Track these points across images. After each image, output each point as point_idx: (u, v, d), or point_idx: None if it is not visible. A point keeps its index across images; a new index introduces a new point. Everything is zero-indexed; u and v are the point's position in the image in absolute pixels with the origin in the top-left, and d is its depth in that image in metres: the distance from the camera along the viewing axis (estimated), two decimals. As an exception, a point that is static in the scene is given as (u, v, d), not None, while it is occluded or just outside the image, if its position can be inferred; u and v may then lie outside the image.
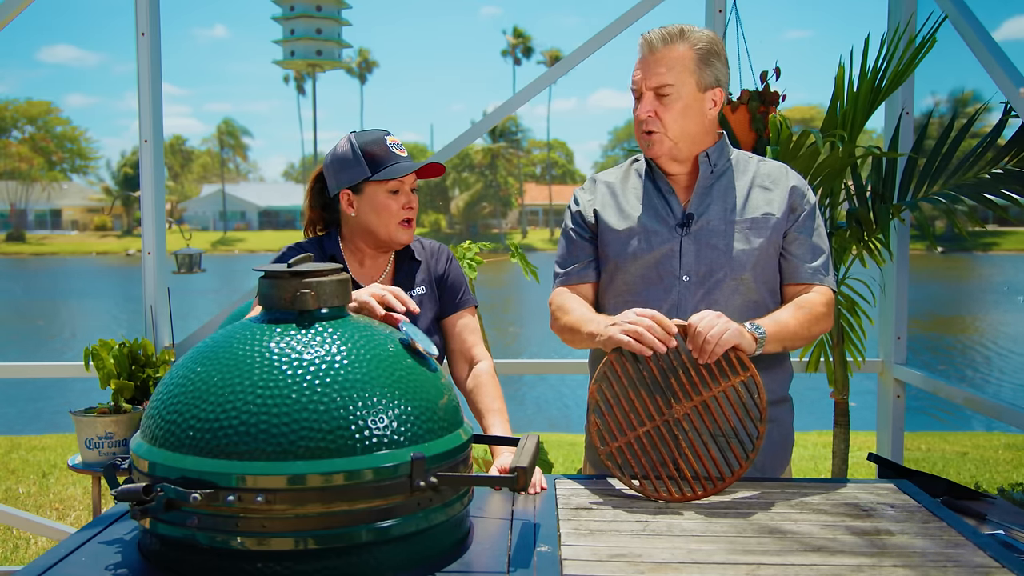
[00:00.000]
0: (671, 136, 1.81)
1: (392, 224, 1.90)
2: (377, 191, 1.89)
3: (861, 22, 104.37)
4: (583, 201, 1.95)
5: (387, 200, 1.89)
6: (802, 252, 1.85)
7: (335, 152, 1.93)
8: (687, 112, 1.79)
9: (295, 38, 59.11)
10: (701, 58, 1.78)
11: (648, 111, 1.80)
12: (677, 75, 1.78)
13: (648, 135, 1.83)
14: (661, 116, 1.80)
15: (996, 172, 3.01)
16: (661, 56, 1.78)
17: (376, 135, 1.91)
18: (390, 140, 1.91)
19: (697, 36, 1.79)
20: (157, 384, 1.71)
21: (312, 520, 1.16)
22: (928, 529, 1.45)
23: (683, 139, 1.82)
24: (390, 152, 1.89)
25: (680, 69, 1.78)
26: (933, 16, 2.95)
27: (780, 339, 1.74)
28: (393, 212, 1.89)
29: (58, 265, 43.16)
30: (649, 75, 1.79)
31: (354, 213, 1.92)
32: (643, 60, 1.81)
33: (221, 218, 60.94)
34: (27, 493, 5.24)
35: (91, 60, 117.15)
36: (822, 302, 1.84)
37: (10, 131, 56.21)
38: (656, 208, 1.85)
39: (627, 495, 1.63)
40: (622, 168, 1.97)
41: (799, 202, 1.85)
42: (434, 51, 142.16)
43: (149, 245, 3.36)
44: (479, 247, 3.26)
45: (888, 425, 3.43)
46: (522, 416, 9.02)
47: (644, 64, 1.81)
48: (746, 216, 1.81)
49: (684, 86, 1.78)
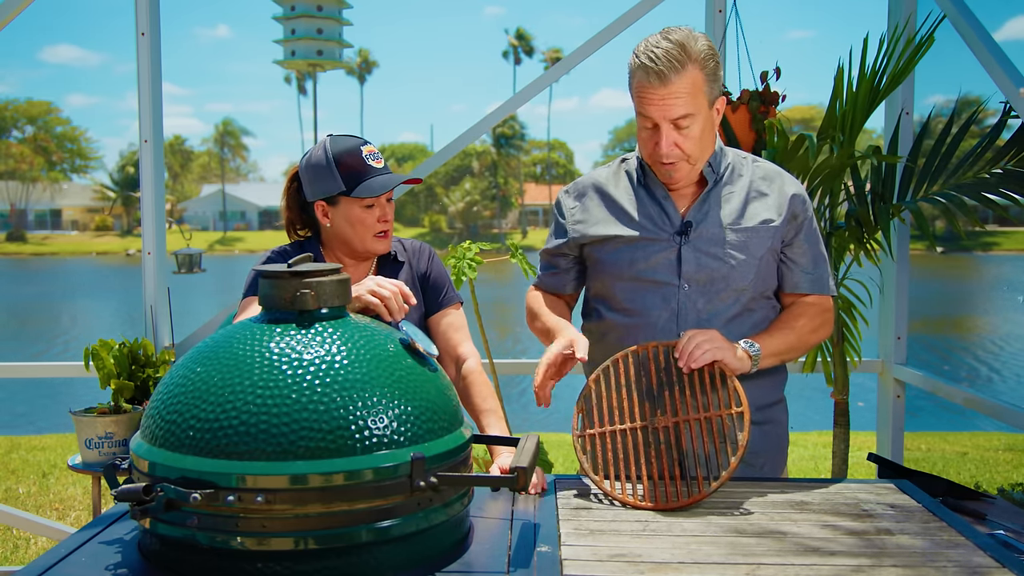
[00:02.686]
0: (692, 161, 1.76)
1: (368, 237, 1.88)
2: (352, 205, 1.85)
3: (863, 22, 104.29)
4: (567, 210, 1.91)
5: (362, 214, 1.86)
6: (804, 261, 1.84)
7: (310, 159, 1.88)
8: (704, 133, 1.74)
9: (296, 38, 59.07)
10: (709, 75, 1.70)
11: (671, 145, 1.72)
12: (693, 103, 1.69)
13: (669, 165, 1.75)
14: (682, 147, 1.72)
15: (996, 172, 3.01)
16: (676, 88, 1.67)
17: (351, 144, 1.86)
18: (366, 151, 1.86)
19: (701, 52, 1.68)
20: (157, 384, 1.71)
21: (312, 520, 1.16)
22: (928, 529, 1.45)
23: (702, 159, 1.78)
24: (366, 165, 1.84)
25: (695, 94, 1.69)
26: (932, 16, 2.95)
27: (777, 354, 1.75)
28: (368, 225, 1.87)
29: (58, 265, 43.16)
30: (666, 108, 1.68)
31: (329, 224, 1.90)
32: (654, 91, 1.67)
33: (221, 218, 60.94)
34: (27, 493, 5.24)
35: (93, 60, 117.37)
36: (821, 311, 1.84)
37: (10, 131, 56.21)
38: (652, 215, 1.82)
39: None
40: (611, 169, 1.92)
41: (800, 209, 1.82)
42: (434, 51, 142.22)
43: (149, 245, 3.36)
44: (479, 247, 3.26)
45: (888, 425, 3.43)
46: (522, 416, 9.01)
47: (657, 96, 1.68)
48: (746, 225, 1.78)
49: (699, 110, 1.71)
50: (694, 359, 1.62)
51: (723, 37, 3.38)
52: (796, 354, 1.81)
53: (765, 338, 1.74)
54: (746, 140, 3.04)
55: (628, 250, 1.81)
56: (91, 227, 57.93)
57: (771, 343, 1.74)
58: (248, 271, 1.94)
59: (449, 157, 3.62)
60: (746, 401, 1.59)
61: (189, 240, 3.86)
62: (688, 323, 1.78)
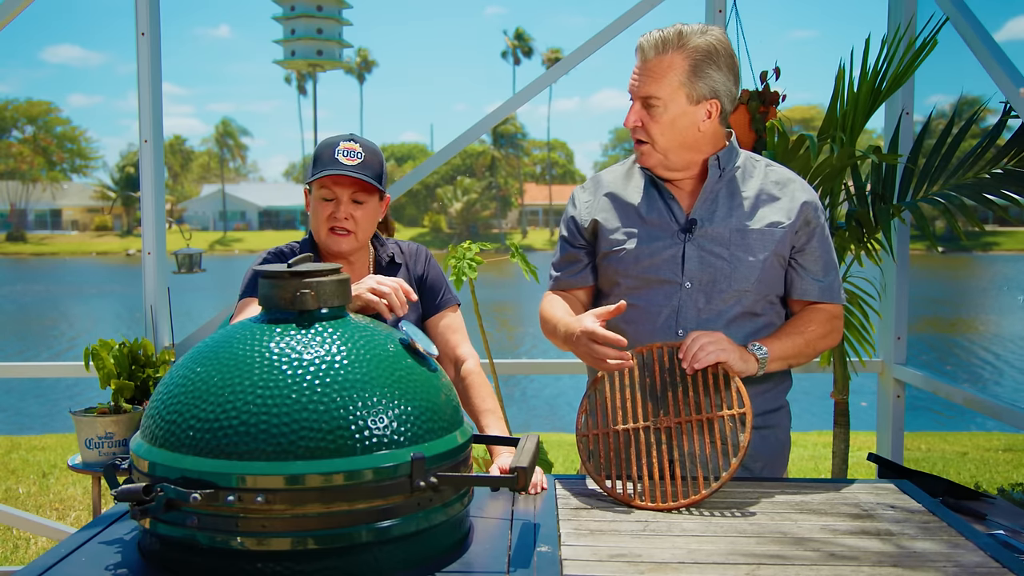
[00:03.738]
0: (659, 148, 1.77)
1: (322, 229, 1.90)
2: (316, 193, 1.90)
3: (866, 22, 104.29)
4: (581, 204, 1.92)
5: (318, 205, 1.90)
6: (815, 268, 1.82)
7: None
8: (675, 125, 1.74)
9: (296, 38, 59.10)
10: (694, 68, 1.70)
11: (635, 121, 1.77)
12: (665, 87, 1.71)
13: (638, 144, 1.80)
14: (647, 127, 1.76)
15: (996, 172, 3.01)
16: (653, 66, 1.72)
17: (335, 139, 1.90)
18: (343, 146, 1.87)
19: (696, 42, 1.70)
20: (157, 384, 1.71)
21: (312, 520, 1.16)
22: (928, 529, 1.45)
23: (672, 151, 1.77)
24: (332, 158, 1.86)
25: (669, 81, 1.71)
26: (934, 18, 2.95)
27: (785, 358, 1.75)
28: (321, 218, 1.89)
29: (58, 265, 43.16)
30: (639, 84, 1.74)
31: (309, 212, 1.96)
32: (637, 67, 1.75)
33: (221, 218, 60.93)
34: (27, 493, 5.24)
35: (95, 60, 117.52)
36: (831, 318, 1.83)
37: (10, 131, 56.22)
38: (659, 211, 1.82)
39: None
40: (625, 166, 1.93)
41: (813, 216, 1.81)
42: (434, 51, 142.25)
43: (149, 245, 3.36)
44: (479, 247, 3.25)
45: (888, 425, 3.43)
46: (522, 416, 9.02)
47: (638, 71, 1.76)
48: (753, 227, 1.78)
49: (672, 99, 1.72)
50: (697, 360, 1.62)
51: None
52: (804, 360, 1.80)
53: (773, 342, 1.73)
54: (745, 140, 3.04)
55: (633, 245, 1.81)
56: (91, 227, 57.94)
57: (779, 347, 1.73)
58: (247, 271, 1.94)
59: (449, 157, 3.61)
60: (749, 403, 1.59)
61: (189, 240, 3.86)
62: (688, 321, 1.78)
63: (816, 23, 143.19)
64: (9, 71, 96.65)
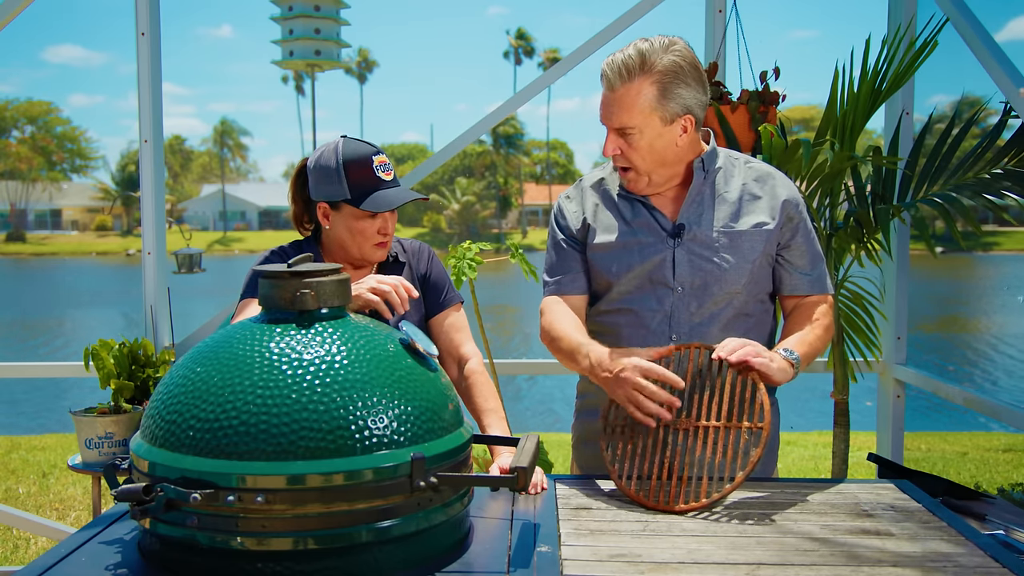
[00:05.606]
0: (642, 172, 1.77)
1: (366, 246, 1.86)
2: (354, 214, 1.83)
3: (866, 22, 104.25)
4: (569, 212, 1.90)
5: (363, 225, 1.84)
6: (802, 263, 1.83)
7: (319, 159, 1.85)
8: (653, 148, 1.73)
9: (294, 38, 59.04)
10: (662, 91, 1.68)
11: (613, 150, 1.76)
12: (637, 115, 1.69)
13: (623, 171, 1.80)
14: (627, 154, 1.75)
15: (996, 172, 3.00)
16: (621, 96, 1.69)
17: (363, 152, 1.83)
18: (377, 161, 1.83)
19: (661, 65, 1.67)
20: (157, 384, 1.71)
21: (312, 520, 1.16)
22: (928, 529, 1.45)
23: (655, 171, 1.77)
24: (375, 177, 1.81)
25: (640, 108, 1.69)
26: (934, 18, 2.94)
27: (808, 356, 1.74)
28: (368, 236, 1.85)
29: (58, 265, 43.16)
30: (609, 115, 1.72)
31: (328, 227, 1.88)
32: (604, 97, 1.73)
33: (221, 218, 60.92)
34: (27, 493, 5.24)
35: (96, 60, 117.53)
36: (827, 311, 1.83)
37: (10, 131, 56.21)
38: (645, 217, 1.82)
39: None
40: (606, 171, 1.91)
41: (794, 212, 1.81)
42: (435, 51, 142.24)
43: (149, 245, 3.36)
44: (479, 247, 3.25)
45: (888, 425, 3.43)
46: (522, 416, 9.02)
47: (605, 101, 1.72)
48: (739, 228, 1.78)
49: (647, 125, 1.71)
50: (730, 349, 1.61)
51: (723, 37, 3.38)
52: (819, 355, 1.81)
53: (796, 343, 1.73)
54: (745, 140, 3.04)
55: (623, 252, 1.81)
56: (91, 227, 57.93)
57: (802, 347, 1.72)
58: (247, 271, 1.93)
59: (449, 157, 3.62)
60: (769, 420, 1.57)
61: (189, 240, 3.86)
62: (681, 325, 1.79)
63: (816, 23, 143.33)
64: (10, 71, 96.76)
